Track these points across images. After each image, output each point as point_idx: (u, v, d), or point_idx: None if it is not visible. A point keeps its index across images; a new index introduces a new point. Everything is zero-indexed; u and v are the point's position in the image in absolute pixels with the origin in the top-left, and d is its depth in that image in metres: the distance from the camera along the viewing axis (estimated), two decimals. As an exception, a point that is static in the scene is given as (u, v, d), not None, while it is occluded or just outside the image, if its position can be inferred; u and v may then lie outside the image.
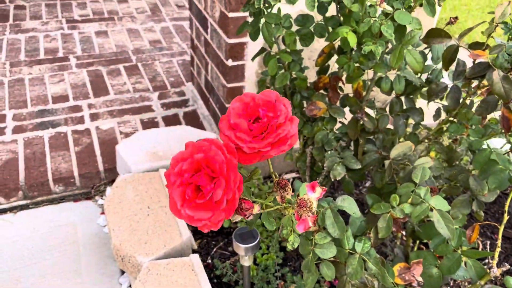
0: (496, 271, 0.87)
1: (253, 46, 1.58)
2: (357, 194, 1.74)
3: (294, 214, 0.63)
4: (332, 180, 1.20)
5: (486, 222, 0.91)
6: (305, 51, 1.68)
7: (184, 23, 2.95)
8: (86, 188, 1.75)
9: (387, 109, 1.14)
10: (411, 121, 1.19)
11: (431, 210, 0.85)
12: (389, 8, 0.85)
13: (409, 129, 1.20)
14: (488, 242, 1.42)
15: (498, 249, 0.87)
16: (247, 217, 0.57)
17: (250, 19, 1.05)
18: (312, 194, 0.60)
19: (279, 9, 1.02)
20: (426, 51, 1.11)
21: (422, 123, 1.17)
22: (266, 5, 0.99)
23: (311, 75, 1.63)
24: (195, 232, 1.52)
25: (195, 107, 2.12)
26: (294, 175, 1.78)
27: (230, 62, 1.62)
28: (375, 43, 0.90)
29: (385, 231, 0.90)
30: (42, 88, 2.19)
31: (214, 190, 0.53)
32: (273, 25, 1.02)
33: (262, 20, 1.00)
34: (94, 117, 2.01)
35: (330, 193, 1.71)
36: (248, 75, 1.68)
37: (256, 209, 0.59)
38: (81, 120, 1.98)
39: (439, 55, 1.01)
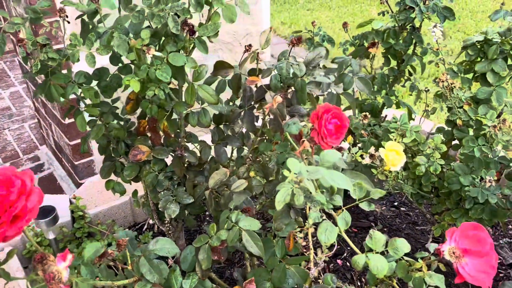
0: (314, 272, 0.94)
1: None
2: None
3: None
4: (168, 219, 1.21)
5: (300, 227, 0.97)
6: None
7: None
8: None
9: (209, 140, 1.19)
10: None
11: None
12: (158, 54, 0.90)
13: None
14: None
15: (312, 251, 0.93)
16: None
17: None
18: (62, 264, 0.59)
19: (69, 68, 1.02)
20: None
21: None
22: (53, 66, 0.99)
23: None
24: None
25: (51, 169, 2.02)
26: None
27: (67, 121, 1.58)
28: (158, 87, 0.93)
29: (207, 261, 0.92)
30: None
31: None
32: (68, 83, 1.02)
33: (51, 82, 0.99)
34: None
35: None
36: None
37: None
38: None
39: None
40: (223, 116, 1.18)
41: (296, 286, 0.99)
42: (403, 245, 0.73)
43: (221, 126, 1.20)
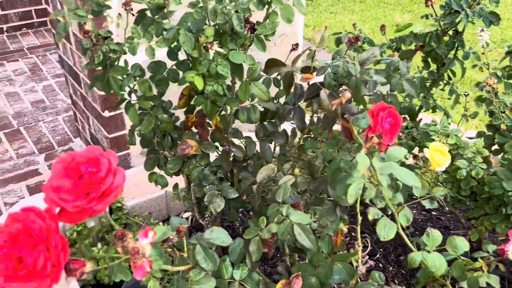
0: (362, 269, 0.95)
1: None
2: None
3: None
4: (214, 213, 1.23)
5: (350, 225, 0.99)
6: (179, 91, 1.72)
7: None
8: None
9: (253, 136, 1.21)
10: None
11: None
12: (220, 50, 0.92)
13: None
14: (375, 237, 1.53)
15: (360, 248, 0.95)
16: (80, 277, 0.58)
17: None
18: (144, 240, 0.62)
19: (125, 61, 1.05)
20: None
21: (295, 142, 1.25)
22: (112, 58, 1.02)
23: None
24: (94, 292, 1.46)
25: (86, 162, 2.06)
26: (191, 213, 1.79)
27: (107, 113, 1.62)
28: (217, 83, 0.96)
29: (257, 253, 0.94)
30: None
31: (36, 258, 0.53)
32: (125, 76, 1.05)
33: (110, 73, 1.02)
34: (-27, 193, 1.87)
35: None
36: (129, 123, 1.68)
37: (89, 267, 0.59)
38: (-42, 199, 1.83)
39: (284, 81, 1.10)
40: (268, 113, 1.21)
41: (342, 283, 1.00)
42: (462, 244, 0.74)
43: (265, 123, 1.23)
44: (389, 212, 0.85)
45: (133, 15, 0.96)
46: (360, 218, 0.96)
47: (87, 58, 1.50)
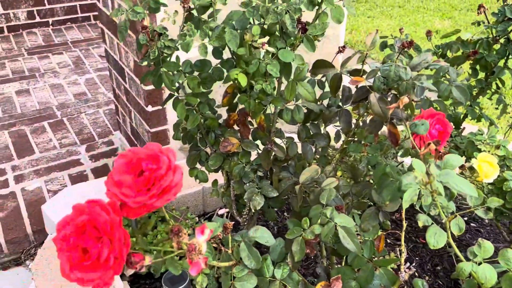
0: (404, 276, 0.94)
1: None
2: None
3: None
4: (253, 210, 1.24)
5: (394, 230, 0.98)
6: (221, 90, 1.74)
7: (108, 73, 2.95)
8: (15, 254, 1.67)
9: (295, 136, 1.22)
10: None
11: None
12: (271, 49, 0.93)
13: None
14: (411, 245, 1.51)
15: (404, 254, 0.94)
16: (139, 270, 0.60)
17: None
18: (201, 237, 0.63)
19: (177, 57, 1.08)
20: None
21: (336, 145, 1.25)
22: (165, 54, 1.04)
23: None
24: (133, 281, 1.50)
25: (125, 155, 2.12)
26: (227, 210, 1.81)
27: (150, 108, 1.65)
28: (265, 81, 0.97)
29: (300, 254, 0.94)
30: (-40, 156, 2.10)
31: (100, 250, 0.55)
32: (175, 72, 1.07)
33: (163, 69, 1.04)
34: (19, 178, 1.95)
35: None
36: (171, 118, 1.72)
37: (148, 260, 0.61)
38: (5, 184, 1.91)
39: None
40: (312, 114, 1.21)
41: (382, 288, 0.99)
42: (516, 256, 0.72)
43: (308, 124, 1.23)
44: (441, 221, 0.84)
45: (190, 12, 0.98)
46: (405, 224, 0.95)
47: (135, 53, 1.54)
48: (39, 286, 1.33)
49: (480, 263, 0.74)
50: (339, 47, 1.23)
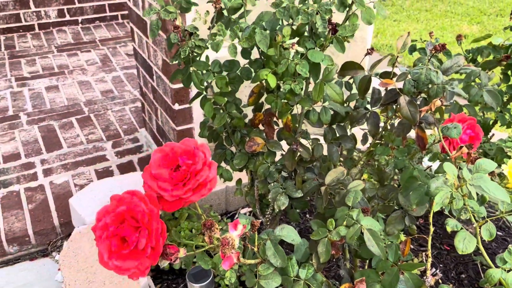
0: (430, 280, 0.93)
1: (196, 90, 1.65)
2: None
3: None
4: (277, 210, 1.25)
5: (419, 235, 0.97)
6: (248, 89, 1.76)
7: (135, 71, 3.01)
8: (43, 245, 1.72)
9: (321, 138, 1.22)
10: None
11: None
12: (301, 50, 0.93)
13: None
14: (435, 252, 1.49)
15: (430, 259, 0.93)
16: (174, 261, 0.61)
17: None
18: (234, 232, 0.64)
19: (207, 57, 1.09)
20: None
21: (363, 147, 1.24)
22: (195, 54, 1.06)
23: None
24: (155, 277, 1.52)
25: (150, 152, 2.15)
26: (250, 209, 1.82)
27: (176, 106, 1.68)
28: (294, 81, 0.97)
29: (325, 255, 0.94)
30: (-8, 149, 2.17)
31: (138, 240, 0.57)
32: (204, 71, 1.09)
33: (192, 68, 1.06)
34: (47, 172, 2.00)
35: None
36: (196, 117, 1.74)
37: (182, 253, 0.62)
38: (34, 177, 1.97)
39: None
40: (338, 116, 1.20)
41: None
42: (548, 265, 0.71)
43: (334, 126, 1.22)
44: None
45: (221, 13, 0.99)
46: (432, 229, 0.94)
47: (164, 52, 1.57)
48: (66, 276, 1.37)
49: (509, 270, 0.73)
50: (367, 49, 1.22)
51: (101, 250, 0.58)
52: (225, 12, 1.07)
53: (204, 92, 1.17)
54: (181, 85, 1.65)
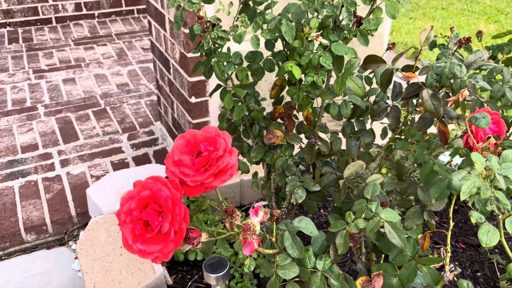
0: (449, 276, 0.93)
1: (213, 83, 1.66)
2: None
3: (243, 238, 0.67)
4: (294, 203, 1.25)
5: (437, 230, 0.97)
6: (265, 83, 1.76)
7: (150, 65, 3.03)
8: (59, 235, 1.74)
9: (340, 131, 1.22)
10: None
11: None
12: (325, 42, 0.94)
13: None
14: (451, 250, 1.48)
15: (449, 254, 0.93)
16: (196, 246, 0.61)
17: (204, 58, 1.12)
18: (255, 218, 0.65)
19: (228, 48, 1.10)
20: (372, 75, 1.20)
21: (381, 142, 1.24)
22: (216, 45, 1.06)
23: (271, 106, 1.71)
24: (170, 267, 1.53)
25: (165, 145, 2.17)
26: (264, 202, 1.83)
27: (193, 99, 1.69)
28: (317, 74, 0.97)
29: (343, 247, 0.95)
30: (10, 139, 2.20)
31: (161, 224, 0.57)
32: (225, 63, 1.09)
33: (214, 59, 1.07)
34: (64, 163, 2.03)
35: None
36: (212, 110, 1.75)
37: (204, 237, 0.63)
38: (51, 167, 2.00)
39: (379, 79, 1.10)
40: (358, 110, 1.20)
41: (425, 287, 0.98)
42: None
43: (353, 120, 1.22)
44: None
45: (246, 4, 0.99)
46: (452, 223, 0.94)
47: (181, 45, 1.57)
48: (83, 265, 1.38)
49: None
50: (388, 44, 1.22)
51: (125, 234, 0.59)
52: (250, 3, 1.08)
53: (224, 84, 1.18)
54: (198, 78, 1.66)
